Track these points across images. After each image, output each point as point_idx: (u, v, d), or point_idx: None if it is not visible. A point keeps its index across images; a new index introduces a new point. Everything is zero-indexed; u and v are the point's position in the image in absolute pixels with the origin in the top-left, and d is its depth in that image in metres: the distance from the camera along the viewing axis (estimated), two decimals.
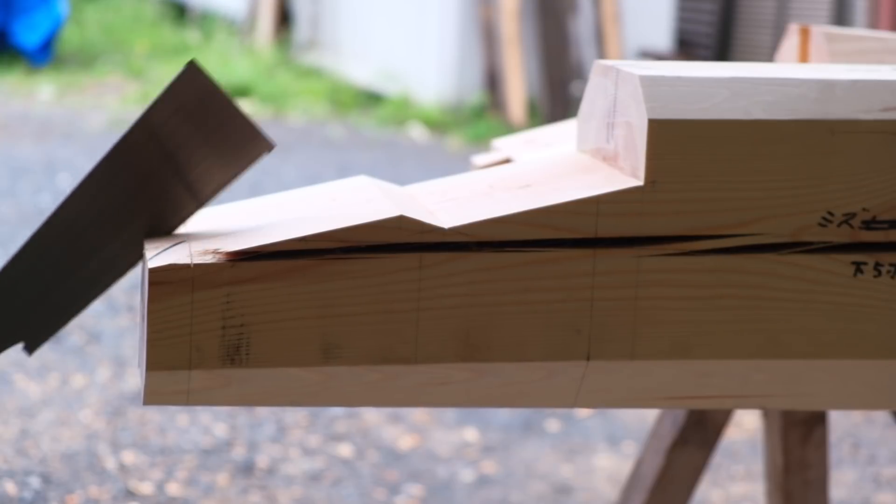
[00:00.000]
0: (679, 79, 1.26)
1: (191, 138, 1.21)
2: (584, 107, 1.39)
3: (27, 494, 2.99)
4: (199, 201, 1.24)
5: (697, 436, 1.94)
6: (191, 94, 1.20)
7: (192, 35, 11.73)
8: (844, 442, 3.70)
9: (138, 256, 1.25)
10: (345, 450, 3.42)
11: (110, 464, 3.20)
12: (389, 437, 3.52)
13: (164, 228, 1.25)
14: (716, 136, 1.23)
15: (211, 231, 1.25)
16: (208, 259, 1.18)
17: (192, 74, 1.20)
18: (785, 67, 1.40)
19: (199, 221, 1.29)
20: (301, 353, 1.20)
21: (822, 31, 1.68)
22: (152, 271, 1.17)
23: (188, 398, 1.22)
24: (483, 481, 3.28)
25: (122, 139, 1.21)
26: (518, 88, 8.54)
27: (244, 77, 9.45)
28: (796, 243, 1.26)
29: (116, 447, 3.31)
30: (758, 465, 3.44)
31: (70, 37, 11.16)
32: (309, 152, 7.63)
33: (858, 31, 1.70)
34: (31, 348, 1.26)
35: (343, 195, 1.30)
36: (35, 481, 3.05)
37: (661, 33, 9.44)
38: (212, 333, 1.18)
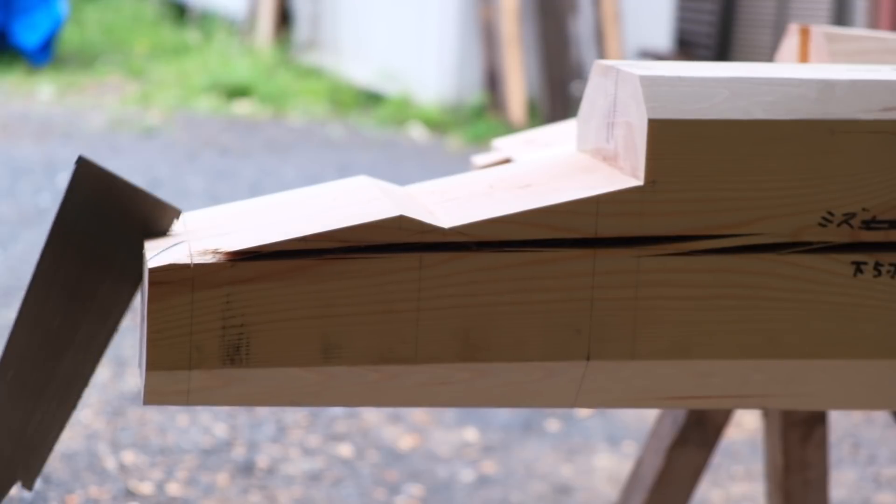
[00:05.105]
0: (679, 79, 1.26)
1: (101, 232, 1.21)
2: (584, 107, 1.39)
3: (27, 494, 2.98)
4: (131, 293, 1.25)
5: (697, 436, 1.94)
6: (90, 187, 1.20)
7: (191, 35, 11.73)
8: (844, 442, 3.70)
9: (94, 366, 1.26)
10: (345, 450, 3.42)
11: (110, 464, 3.20)
12: (389, 437, 3.52)
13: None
14: (716, 136, 1.23)
15: (211, 231, 1.25)
16: (208, 259, 1.18)
17: (86, 168, 1.19)
18: (785, 67, 1.39)
19: (200, 221, 1.29)
20: (301, 353, 1.20)
21: (822, 31, 1.68)
22: (152, 271, 1.17)
23: (188, 398, 1.22)
24: (483, 481, 3.28)
25: (42, 254, 1.21)
26: (518, 88, 8.54)
27: (244, 77, 9.45)
28: (796, 243, 1.26)
29: (116, 447, 3.31)
30: (758, 465, 3.44)
31: (70, 37, 11.16)
32: (309, 152, 7.63)
33: (858, 31, 1.70)
34: (28, 484, 1.27)
35: (343, 195, 1.30)
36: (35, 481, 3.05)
37: (661, 33, 9.43)
38: (212, 333, 1.18)
